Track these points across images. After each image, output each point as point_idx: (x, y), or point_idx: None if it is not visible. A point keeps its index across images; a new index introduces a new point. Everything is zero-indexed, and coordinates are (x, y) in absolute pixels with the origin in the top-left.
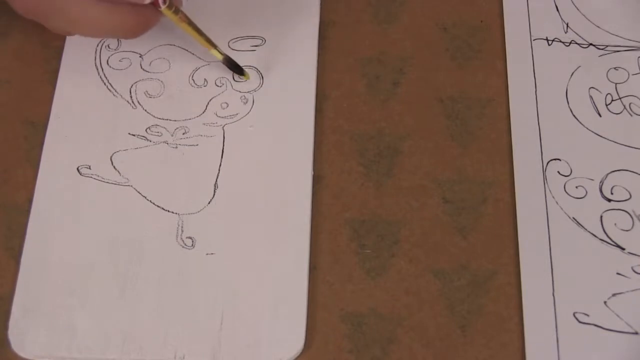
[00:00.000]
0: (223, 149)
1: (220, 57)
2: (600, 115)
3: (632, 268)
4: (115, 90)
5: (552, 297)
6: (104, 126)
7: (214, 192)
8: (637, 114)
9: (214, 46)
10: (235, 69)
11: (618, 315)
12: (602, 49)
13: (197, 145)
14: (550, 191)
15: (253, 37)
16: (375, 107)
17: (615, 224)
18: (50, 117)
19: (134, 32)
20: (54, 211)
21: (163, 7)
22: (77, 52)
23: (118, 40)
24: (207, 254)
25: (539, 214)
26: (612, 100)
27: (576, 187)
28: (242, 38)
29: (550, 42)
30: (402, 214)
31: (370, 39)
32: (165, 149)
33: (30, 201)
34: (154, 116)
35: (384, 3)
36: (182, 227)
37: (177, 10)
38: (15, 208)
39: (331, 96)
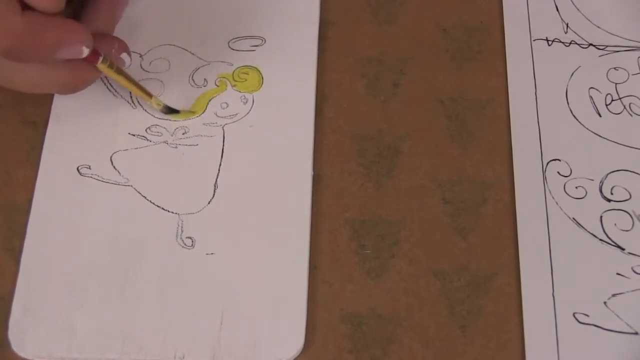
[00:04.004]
0: (223, 149)
1: (159, 107)
2: (600, 115)
3: (632, 268)
4: (115, 90)
5: (552, 297)
6: (104, 126)
7: (214, 192)
8: (637, 114)
9: (152, 96)
10: (172, 112)
11: (618, 316)
12: (602, 49)
13: (197, 145)
14: (550, 191)
15: (253, 37)
16: (375, 107)
17: (615, 224)
18: (50, 117)
19: (72, 89)
20: (54, 211)
21: (99, 64)
22: None
23: None
24: (206, 254)
25: (538, 215)
26: (612, 100)
27: (576, 187)
28: (242, 38)
29: (550, 43)
30: (402, 215)
31: (370, 39)
32: (165, 149)
33: (30, 201)
34: (154, 116)
35: (384, 3)
36: (182, 227)
37: (112, 65)
38: (15, 208)
39: (331, 96)
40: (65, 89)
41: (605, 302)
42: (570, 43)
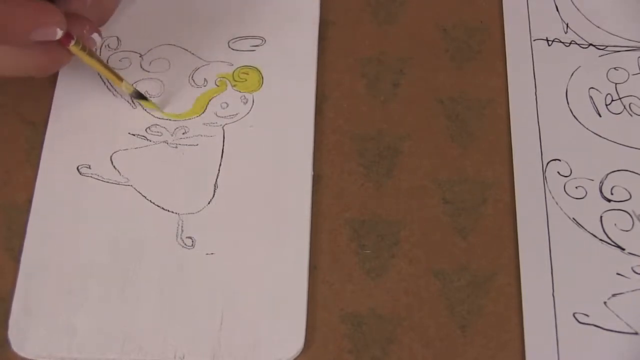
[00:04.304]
0: (223, 148)
1: (129, 90)
2: (600, 116)
3: (632, 268)
4: (115, 90)
5: (552, 297)
6: (104, 126)
7: (214, 192)
8: (637, 114)
9: (122, 80)
10: (143, 98)
11: (618, 316)
12: (602, 49)
13: (197, 145)
14: (550, 191)
15: (253, 37)
16: (375, 107)
17: (615, 224)
18: (50, 117)
19: (44, 71)
20: (54, 211)
21: (71, 46)
22: None
23: (118, 39)
24: (207, 253)
25: (538, 215)
26: (612, 101)
27: (576, 187)
28: (242, 38)
29: (550, 43)
30: (402, 215)
31: (370, 39)
32: (165, 149)
33: (30, 201)
34: (154, 116)
35: (384, 3)
36: (182, 227)
37: (84, 48)
38: (15, 208)
39: (331, 96)
40: (38, 72)
41: (605, 302)
42: (570, 43)
